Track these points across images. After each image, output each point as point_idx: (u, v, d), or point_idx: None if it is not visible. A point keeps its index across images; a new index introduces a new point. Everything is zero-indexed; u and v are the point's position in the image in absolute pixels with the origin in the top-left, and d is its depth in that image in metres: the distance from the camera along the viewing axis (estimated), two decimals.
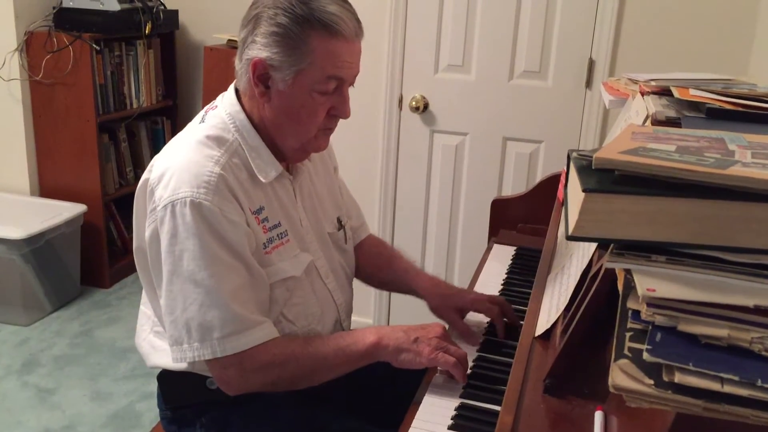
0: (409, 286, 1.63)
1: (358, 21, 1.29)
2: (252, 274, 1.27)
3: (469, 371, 1.39)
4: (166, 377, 1.46)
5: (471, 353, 1.47)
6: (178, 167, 1.26)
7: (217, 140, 1.30)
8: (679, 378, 0.63)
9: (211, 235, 1.22)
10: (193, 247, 1.22)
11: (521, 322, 1.52)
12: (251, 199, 1.30)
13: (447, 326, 1.41)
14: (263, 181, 1.32)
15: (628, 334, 0.69)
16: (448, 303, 1.56)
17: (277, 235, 1.35)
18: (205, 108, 1.40)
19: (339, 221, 1.56)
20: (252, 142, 1.33)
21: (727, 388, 0.62)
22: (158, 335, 1.43)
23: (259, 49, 1.26)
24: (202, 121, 1.35)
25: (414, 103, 2.81)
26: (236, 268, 1.25)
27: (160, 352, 1.41)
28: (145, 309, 1.47)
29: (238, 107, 1.34)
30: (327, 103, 1.30)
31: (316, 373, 1.31)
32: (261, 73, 1.28)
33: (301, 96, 1.28)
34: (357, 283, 1.66)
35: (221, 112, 1.35)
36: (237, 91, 1.37)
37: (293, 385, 1.32)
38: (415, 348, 1.29)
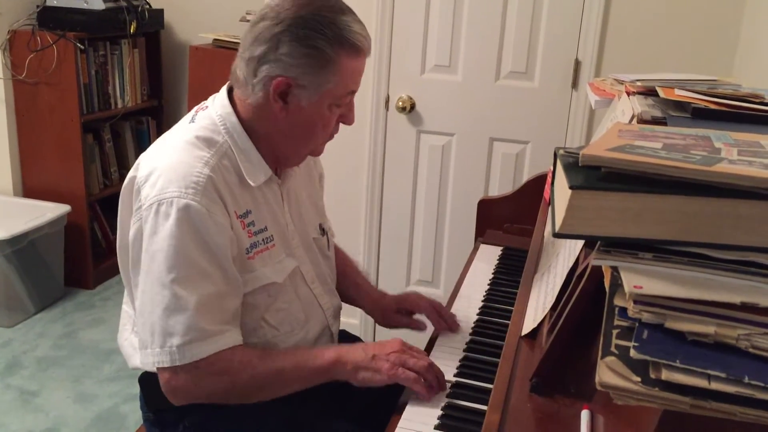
0: (357, 303, 1.71)
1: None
2: (227, 281, 1.25)
3: (455, 370, 1.39)
4: (147, 379, 1.44)
5: (458, 353, 1.47)
6: (167, 167, 1.24)
7: (207, 141, 1.29)
8: (666, 375, 0.63)
9: (192, 238, 1.21)
10: (167, 249, 1.20)
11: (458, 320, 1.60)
12: (238, 202, 1.29)
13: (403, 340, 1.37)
14: (252, 184, 1.32)
15: (614, 332, 0.69)
16: (387, 311, 1.66)
17: (262, 240, 1.34)
18: (195, 108, 1.38)
19: (321, 228, 1.56)
20: (242, 145, 1.32)
21: (714, 385, 0.62)
22: (138, 335, 1.42)
23: (285, 68, 1.25)
24: (192, 121, 1.34)
25: (401, 103, 2.81)
26: (210, 275, 1.23)
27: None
28: (126, 308, 1.46)
29: (230, 109, 1.33)
30: (338, 113, 1.33)
31: (269, 386, 1.29)
32: (282, 90, 1.27)
33: (320, 110, 1.29)
34: None
35: (212, 113, 1.34)
36: (230, 93, 1.36)
37: (244, 397, 1.30)
38: (374, 365, 1.28)
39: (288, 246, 1.40)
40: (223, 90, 1.37)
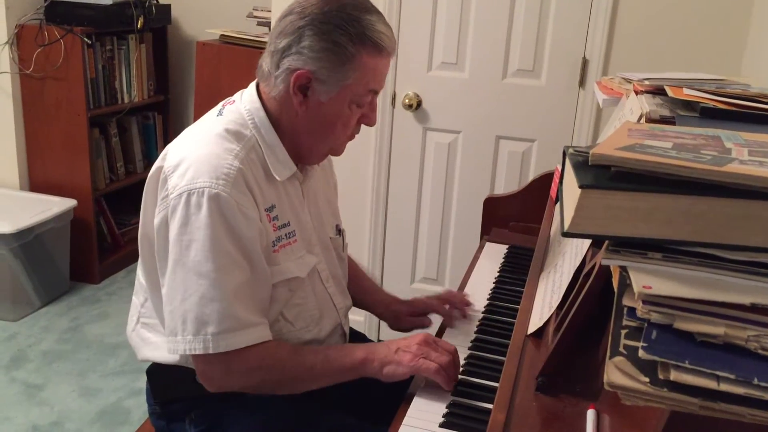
0: (368, 307, 1.73)
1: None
2: (256, 272, 1.27)
3: (461, 369, 1.39)
4: (155, 371, 1.45)
5: (463, 351, 1.46)
6: (197, 158, 1.25)
7: (236, 135, 1.30)
8: (674, 376, 0.63)
9: (223, 227, 1.22)
10: (203, 238, 1.21)
11: (471, 309, 1.64)
12: (264, 196, 1.31)
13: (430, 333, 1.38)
14: (278, 179, 1.33)
15: (623, 332, 0.69)
16: (400, 315, 1.68)
17: (285, 235, 1.35)
18: (222, 102, 1.40)
19: (338, 228, 1.58)
20: (269, 140, 1.33)
21: (723, 387, 0.62)
22: (146, 327, 1.42)
23: (306, 61, 1.27)
24: (220, 114, 1.35)
25: (407, 100, 2.80)
26: (241, 265, 1.24)
27: (150, 345, 1.41)
28: (135, 299, 1.46)
29: (258, 104, 1.34)
30: (359, 113, 1.34)
31: (299, 382, 1.31)
32: (302, 84, 1.28)
33: (340, 107, 1.31)
34: None
35: (240, 107, 1.35)
36: (257, 87, 1.37)
37: (275, 390, 1.32)
38: (397, 358, 1.29)
39: (308, 243, 1.42)
40: (252, 85, 1.38)
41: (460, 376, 1.36)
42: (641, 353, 0.64)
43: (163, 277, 1.28)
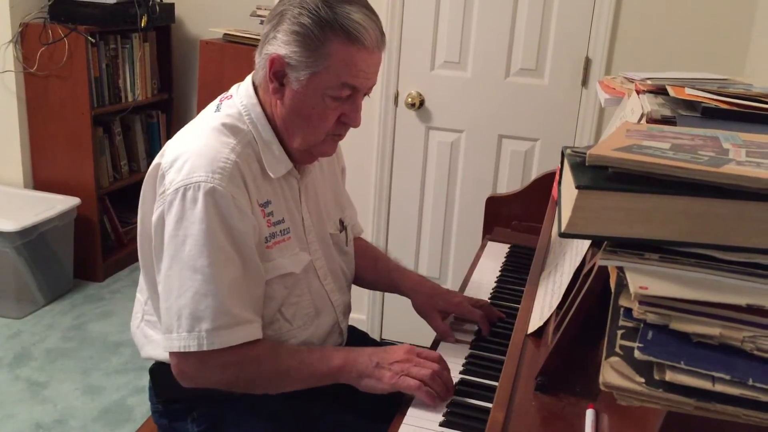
0: (395, 284, 1.65)
1: (382, 33, 1.29)
2: (248, 268, 1.26)
3: (461, 368, 1.39)
4: (158, 370, 1.45)
5: (463, 351, 1.47)
6: (193, 152, 1.25)
7: (233, 129, 1.30)
8: (670, 376, 0.63)
9: (218, 222, 1.22)
10: (198, 233, 1.21)
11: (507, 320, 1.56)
12: (260, 191, 1.30)
13: (413, 345, 1.34)
14: (272, 176, 1.32)
15: (619, 332, 0.69)
16: (432, 303, 1.57)
17: (280, 231, 1.34)
18: (219, 97, 1.39)
19: (341, 223, 1.56)
20: (265, 136, 1.33)
21: (719, 387, 0.62)
22: (149, 324, 1.43)
23: (279, 46, 1.26)
24: (217, 110, 1.35)
25: (410, 99, 2.80)
26: (234, 260, 1.24)
27: (153, 342, 1.41)
28: (140, 296, 1.47)
29: (254, 100, 1.34)
30: (338, 109, 1.30)
31: (273, 383, 1.31)
32: (277, 70, 1.27)
33: (314, 98, 1.27)
34: None
35: (236, 102, 1.35)
36: (254, 83, 1.36)
37: (249, 389, 1.31)
38: (376, 374, 1.27)
39: (302, 241, 1.41)
40: (248, 79, 1.38)
41: (460, 376, 1.36)
42: (637, 354, 0.64)
43: (159, 273, 1.28)
